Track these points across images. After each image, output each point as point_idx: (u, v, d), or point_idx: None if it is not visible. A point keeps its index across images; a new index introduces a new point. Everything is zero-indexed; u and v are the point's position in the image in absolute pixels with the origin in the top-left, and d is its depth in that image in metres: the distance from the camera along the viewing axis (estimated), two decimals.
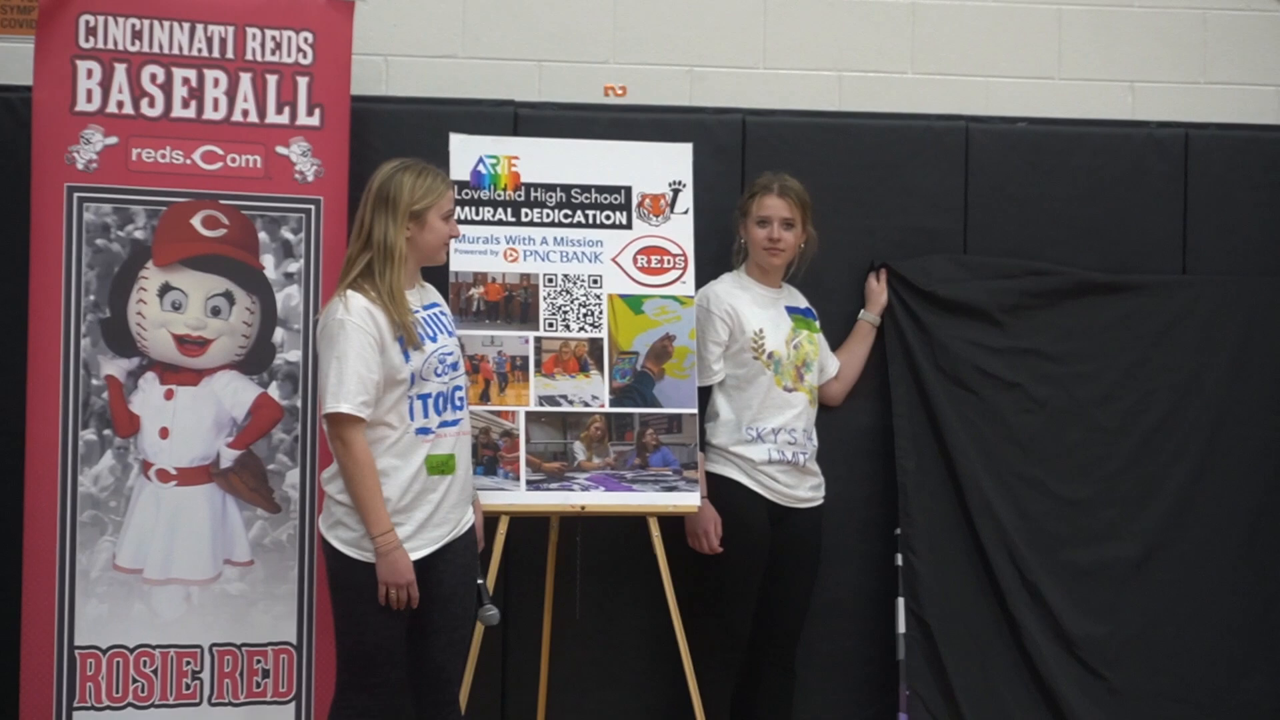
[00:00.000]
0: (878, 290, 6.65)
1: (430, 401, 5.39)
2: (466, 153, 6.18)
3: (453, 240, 5.75)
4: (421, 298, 5.50)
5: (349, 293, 5.32)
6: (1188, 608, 6.78)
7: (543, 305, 6.09)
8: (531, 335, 6.07)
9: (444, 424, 5.41)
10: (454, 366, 5.47)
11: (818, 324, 6.45)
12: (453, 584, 5.42)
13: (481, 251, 6.12)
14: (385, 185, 5.41)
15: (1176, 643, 6.76)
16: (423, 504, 5.35)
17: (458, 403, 5.47)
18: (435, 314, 5.50)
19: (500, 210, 6.15)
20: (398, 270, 5.35)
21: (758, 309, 6.26)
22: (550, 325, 6.09)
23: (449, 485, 5.42)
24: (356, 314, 5.26)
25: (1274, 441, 6.83)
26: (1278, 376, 6.85)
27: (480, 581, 5.56)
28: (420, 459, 5.35)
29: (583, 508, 5.99)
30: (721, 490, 6.11)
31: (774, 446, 6.14)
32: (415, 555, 5.33)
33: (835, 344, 6.61)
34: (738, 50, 7.00)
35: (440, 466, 5.38)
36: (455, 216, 5.60)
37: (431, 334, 5.41)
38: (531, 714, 6.49)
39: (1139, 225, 6.87)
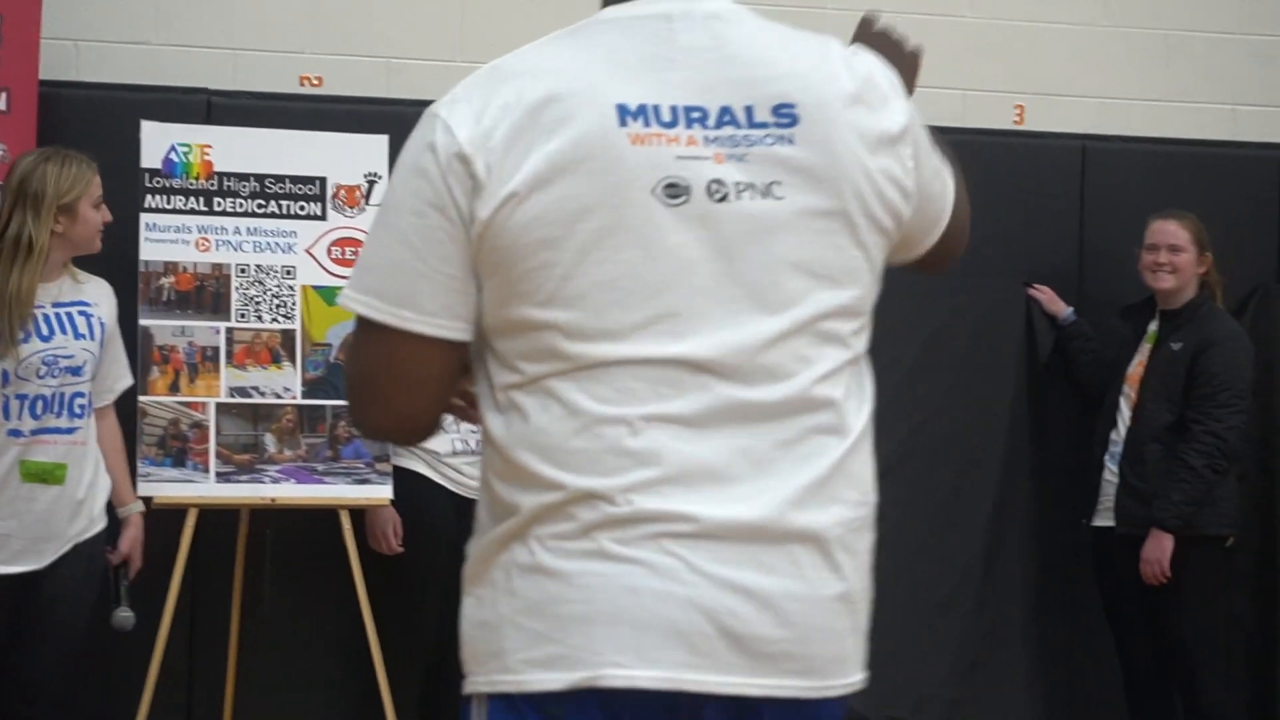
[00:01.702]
0: None
1: (28, 403, 5.23)
2: (158, 140, 6.06)
3: (144, 228, 5.65)
4: (61, 293, 5.34)
5: None
6: (879, 589, 6.89)
7: (235, 296, 6.02)
8: (223, 326, 6.00)
9: (45, 430, 5.25)
10: (73, 371, 5.31)
11: None
12: (54, 595, 5.28)
13: (173, 240, 6.01)
14: (27, 179, 5.22)
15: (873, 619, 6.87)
16: (20, 513, 5.21)
17: (77, 410, 5.32)
18: (71, 313, 5.34)
19: (192, 199, 6.06)
20: (34, 267, 5.17)
21: None
22: (242, 316, 6.02)
23: (57, 497, 5.28)
24: None
25: (957, 437, 6.98)
26: (962, 376, 7.01)
27: (124, 581, 5.48)
28: (9, 462, 5.20)
29: (273, 500, 5.95)
30: (405, 484, 6.09)
31: (458, 437, 6.12)
32: (15, 569, 5.20)
33: None
34: (435, 43, 6.99)
35: (40, 475, 5.22)
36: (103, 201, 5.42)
37: (46, 333, 5.26)
38: (218, 713, 6.40)
39: None
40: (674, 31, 2.33)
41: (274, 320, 6.04)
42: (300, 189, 6.15)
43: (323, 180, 6.19)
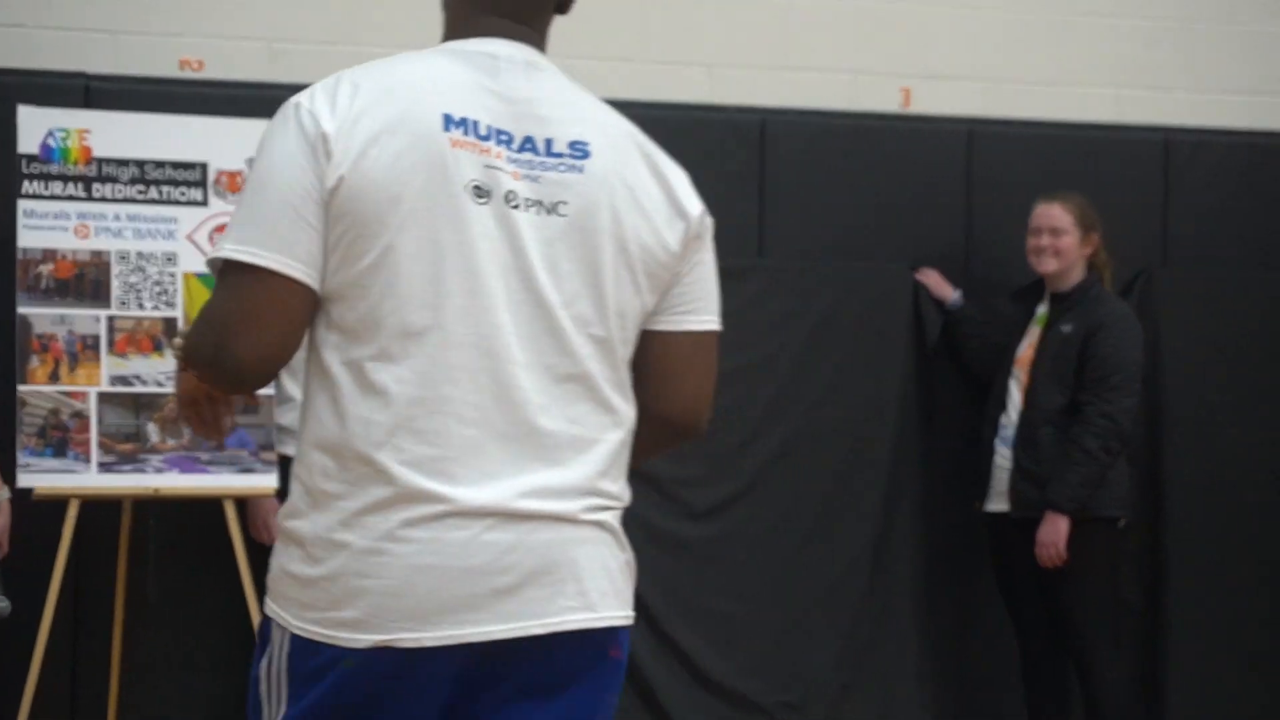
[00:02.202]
0: None
1: None
2: (35, 125, 5.96)
3: (22, 215, 5.58)
4: None
5: None
6: (758, 586, 6.92)
7: (115, 283, 5.94)
8: (103, 314, 5.92)
9: None
10: None
11: None
12: None
13: (51, 227, 5.93)
14: None
15: (747, 620, 6.91)
16: None
17: None
18: None
19: (71, 185, 5.97)
20: None
21: None
22: (123, 304, 5.94)
23: None
24: None
25: (846, 424, 7.00)
26: (850, 361, 7.02)
27: None
28: None
29: (156, 490, 5.88)
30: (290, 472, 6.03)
31: None
32: None
33: None
34: (317, 27, 6.91)
35: None
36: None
37: None
38: (103, 702, 6.34)
39: (714, 210, 6.96)
40: (499, 69, 2.81)
41: (155, 308, 5.97)
42: (181, 175, 6.07)
43: (204, 166, 6.11)
